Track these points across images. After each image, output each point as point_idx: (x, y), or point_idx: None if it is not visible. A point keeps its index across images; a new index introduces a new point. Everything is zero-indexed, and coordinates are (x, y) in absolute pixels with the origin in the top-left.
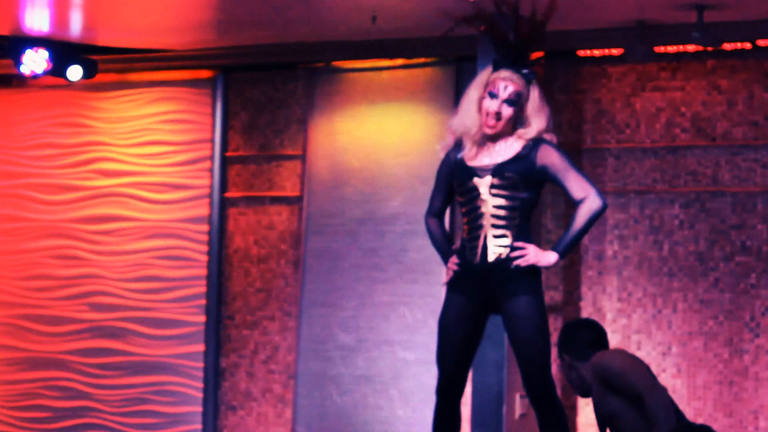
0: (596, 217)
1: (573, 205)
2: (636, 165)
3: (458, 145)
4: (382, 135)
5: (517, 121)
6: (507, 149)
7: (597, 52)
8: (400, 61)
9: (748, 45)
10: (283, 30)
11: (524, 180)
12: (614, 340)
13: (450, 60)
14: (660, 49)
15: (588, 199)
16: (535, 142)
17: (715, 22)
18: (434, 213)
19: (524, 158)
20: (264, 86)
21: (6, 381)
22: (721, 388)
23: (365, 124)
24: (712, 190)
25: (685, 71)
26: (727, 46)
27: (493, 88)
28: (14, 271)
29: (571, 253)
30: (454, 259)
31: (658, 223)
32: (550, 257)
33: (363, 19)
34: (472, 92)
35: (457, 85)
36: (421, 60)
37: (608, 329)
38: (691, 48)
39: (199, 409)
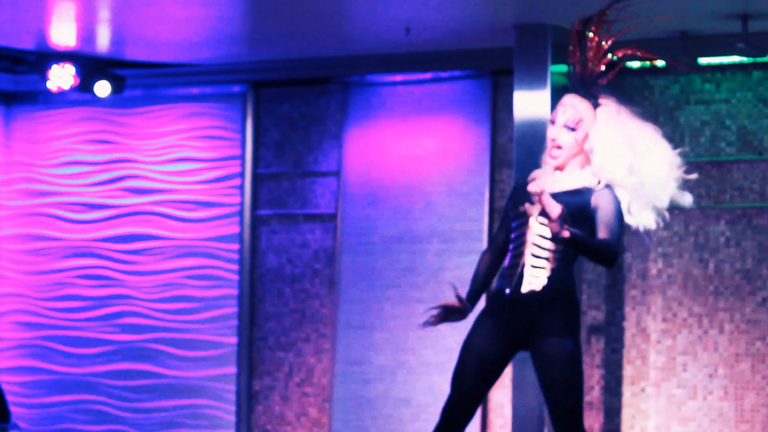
0: (604, 254)
1: None
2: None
3: None
4: (417, 150)
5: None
6: (571, 179)
7: (638, 65)
8: (435, 75)
9: None
10: (315, 44)
11: (573, 215)
12: (659, 362)
13: (487, 73)
14: (704, 60)
15: (608, 241)
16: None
17: (761, 31)
18: (492, 248)
19: (582, 194)
20: (296, 101)
21: (35, 404)
22: None
23: (400, 139)
24: (759, 206)
25: (730, 83)
26: None
27: (554, 116)
28: (43, 292)
29: (575, 242)
30: (458, 293)
31: (704, 240)
32: (555, 208)
33: (396, 32)
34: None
35: (494, 98)
36: (457, 73)
37: (652, 351)
38: (735, 59)
39: None
